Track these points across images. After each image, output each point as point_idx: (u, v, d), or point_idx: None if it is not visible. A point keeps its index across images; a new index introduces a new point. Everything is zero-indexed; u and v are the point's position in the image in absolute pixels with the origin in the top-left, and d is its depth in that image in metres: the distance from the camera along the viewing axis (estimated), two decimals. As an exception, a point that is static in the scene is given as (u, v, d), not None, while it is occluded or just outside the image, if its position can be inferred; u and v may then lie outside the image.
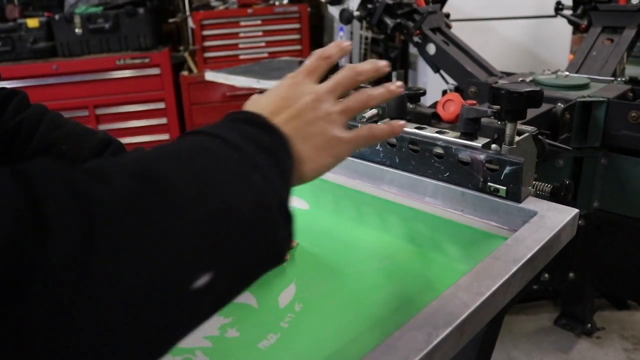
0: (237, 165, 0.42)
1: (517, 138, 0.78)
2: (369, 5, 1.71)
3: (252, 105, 0.53)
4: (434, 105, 0.95)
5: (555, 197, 0.81)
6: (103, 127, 3.14)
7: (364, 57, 3.51)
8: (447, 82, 1.68)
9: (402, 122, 0.58)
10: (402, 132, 0.85)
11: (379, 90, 0.56)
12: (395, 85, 0.57)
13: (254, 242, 0.41)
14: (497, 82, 0.77)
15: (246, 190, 0.41)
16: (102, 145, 0.69)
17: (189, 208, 0.37)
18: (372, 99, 0.56)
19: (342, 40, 0.57)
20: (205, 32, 3.37)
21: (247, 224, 0.40)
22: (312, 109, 0.52)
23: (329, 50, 0.57)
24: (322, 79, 0.57)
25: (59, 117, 0.72)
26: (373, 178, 0.91)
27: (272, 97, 0.53)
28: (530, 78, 1.40)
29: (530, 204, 0.75)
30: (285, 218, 0.44)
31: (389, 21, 1.67)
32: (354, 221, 0.82)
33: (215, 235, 0.38)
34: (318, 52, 0.57)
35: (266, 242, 0.42)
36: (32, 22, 3.14)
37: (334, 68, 0.64)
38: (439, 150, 0.81)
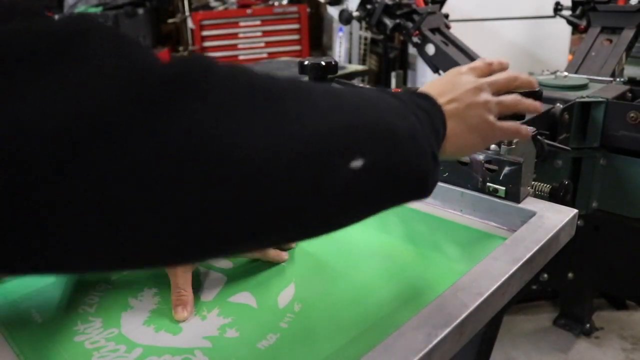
0: (399, 107, 0.47)
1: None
2: (368, 6, 1.71)
3: (424, 87, 0.60)
4: (433, 105, 0.95)
5: (554, 197, 0.81)
6: (102, 127, 3.13)
7: (363, 58, 3.51)
8: (446, 83, 1.68)
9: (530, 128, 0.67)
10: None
11: (529, 101, 0.64)
12: (538, 106, 0.66)
13: (404, 154, 0.44)
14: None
15: (403, 122, 0.45)
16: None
17: (351, 102, 0.42)
18: (521, 103, 0.63)
19: (502, 60, 0.68)
20: (205, 33, 3.37)
21: (399, 138, 0.44)
22: (472, 95, 0.59)
23: (493, 60, 0.66)
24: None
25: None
26: (372, 178, 0.91)
27: (439, 82, 0.61)
28: (529, 78, 1.40)
29: (529, 204, 0.75)
30: (434, 162, 0.48)
31: (388, 22, 1.67)
32: (353, 221, 0.82)
33: (371, 129, 0.42)
34: (483, 59, 0.66)
35: (414, 164, 0.46)
36: (32, 23, 3.14)
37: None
38: (438, 151, 0.81)
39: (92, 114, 0.28)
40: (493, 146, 0.81)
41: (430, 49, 1.64)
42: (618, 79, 1.43)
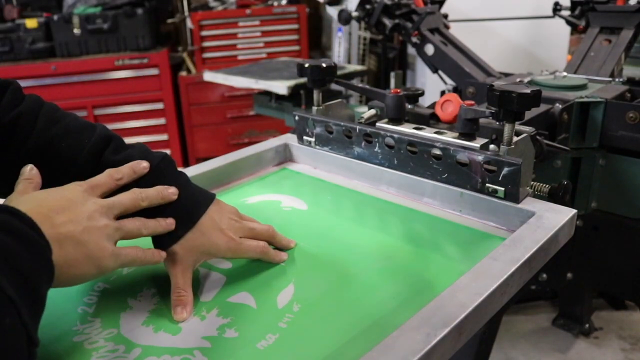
0: None
1: (515, 139, 0.78)
2: (367, 6, 1.71)
3: (33, 199, 0.55)
4: (433, 105, 0.95)
5: (553, 197, 0.81)
6: (101, 127, 3.13)
7: (362, 58, 3.51)
8: (445, 83, 1.68)
9: (162, 253, 0.63)
10: (401, 134, 0.86)
11: (152, 223, 0.62)
12: (167, 224, 0.63)
13: None
14: (495, 83, 0.77)
15: None
16: (103, 143, 0.68)
17: None
18: (146, 228, 0.61)
19: (139, 162, 0.65)
20: (204, 33, 3.37)
21: None
22: (91, 219, 0.55)
23: (122, 171, 0.63)
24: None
25: (56, 111, 0.70)
26: (372, 178, 0.91)
27: (56, 196, 0.56)
28: (529, 78, 1.40)
29: (529, 204, 0.75)
30: (30, 356, 0.44)
31: (388, 22, 1.67)
32: (353, 221, 0.82)
33: None
34: (110, 172, 0.63)
35: None
36: (31, 23, 3.14)
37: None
38: (438, 152, 0.81)
39: None
40: (492, 146, 0.81)
41: (430, 49, 1.64)
42: (617, 79, 1.43)
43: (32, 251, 0.47)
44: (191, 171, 0.89)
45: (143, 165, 0.65)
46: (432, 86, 2.33)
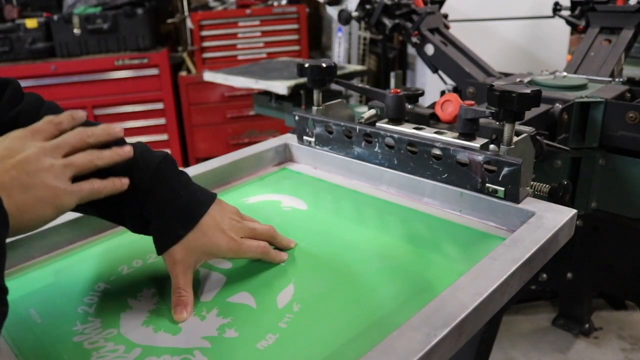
0: None
1: (515, 139, 0.78)
2: (367, 6, 1.71)
3: None
4: (432, 105, 0.95)
5: (553, 197, 0.81)
6: (101, 127, 3.13)
7: (362, 58, 3.51)
8: (445, 83, 1.68)
9: (124, 180, 0.61)
10: (401, 134, 0.86)
11: (107, 153, 0.61)
12: (124, 151, 0.62)
13: None
14: (495, 83, 0.77)
15: None
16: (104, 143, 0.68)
17: None
18: (99, 158, 0.60)
19: (76, 112, 0.64)
20: (204, 33, 3.37)
21: None
22: (34, 161, 0.54)
23: (60, 118, 0.61)
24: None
25: (56, 109, 0.70)
26: (372, 178, 0.91)
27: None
28: (529, 79, 1.40)
29: (529, 204, 0.75)
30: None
31: (388, 22, 1.67)
32: (353, 221, 0.82)
33: None
34: (49, 118, 0.61)
35: None
36: (31, 23, 3.14)
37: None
38: (438, 152, 0.81)
39: None
40: (492, 146, 0.81)
41: (430, 49, 1.64)
42: (617, 79, 1.43)
43: None
44: (191, 171, 0.89)
45: (80, 114, 0.64)
46: (432, 86, 2.33)
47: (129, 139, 0.72)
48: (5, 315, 0.45)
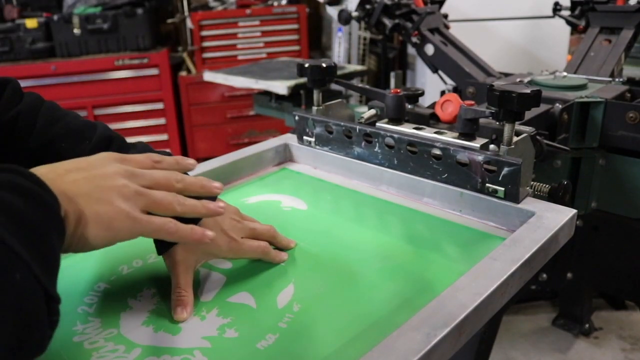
0: None
1: (515, 139, 0.78)
2: (367, 6, 1.71)
3: (55, 163, 0.52)
4: (432, 105, 0.95)
5: (553, 197, 0.81)
6: (101, 127, 3.14)
7: (362, 58, 3.51)
8: (445, 83, 1.68)
9: (209, 233, 0.56)
10: (401, 134, 0.86)
11: (192, 202, 0.55)
12: (214, 208, 0.57)
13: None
14: (495, 83, 0.77)
15: (6, 296, 0.38)
16: (104, 143, 0.68)
17: None
18: (180, 204, 0.54)
19: (184, 158, 0.61)
20: (204, 33, 3.37)
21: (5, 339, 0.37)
22: (108, 178, 0.51)
23: (162, 157, 0.58)
24: None
25: (56, 109, 0.70)
26: (372, 178, 0.91)
27: (79, 160, 0.53)
28: (529, 78, 1.40)
29: (528, 204, 0.75)
30: (51, 312, 0.42)
31: (388, 22, 1.67)
32: (353, 221, 0.82)
33: None
34: (150, 154, 0.58)
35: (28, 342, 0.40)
36: (31, 23, 3.14)
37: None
38: (438, 152, 0.81)
39: None
40: (492, 146, 0.81)
41: (430, 49, 1.64)
42: (617, 79, 1.43)
43: (37, 205, 0.43)
44: (191, 171, 0.89)
45: (189, 161, 0.60)
46: (432, 86, 2.34)
47: (129, 139, 0.72)
48: (56, 324, 0.43)
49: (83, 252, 0.50)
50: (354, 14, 1.72)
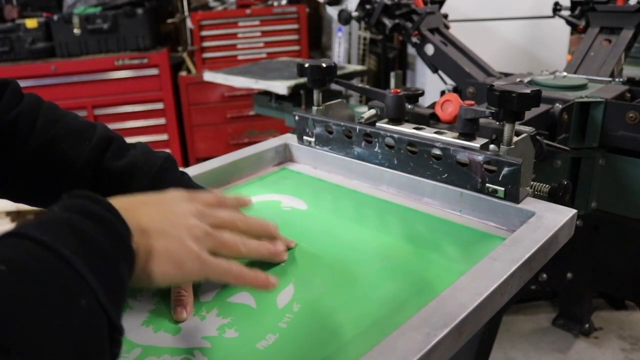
0: (60, 287, 0.37)
1: (515, 139, 0.78)
2: (367, 6, 1.71)
3: (128, 196, 0.51)
4: (432, 105, 0.95)
5: (553, 197, 0.81)
6: (101, 127, 3.14)
7: (362, 58, 3.51)
8: (445, 83, 1.68)
9: (273, 282, 0.57)
10: (401, 134, 0.86)
11: (255, 244, 0.58)
12: (274, 249, 0.61)
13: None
14: (495, 83, 0.77)
15: (69, 322, 0.36)
16: (104, 144, 0.68)
17: None
18: (245, 245, 0.56)
19: (244, 198, 0.64)
20: (204, 33, 3.37)
21: None
22: (180, 215, 0.52)
23: (226, 196, 0.60)
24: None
25: (55, 110, 0.70)
26: (372, 178, 0.91)
27: (151, 195, 0.54)
28: (529, 78, 1.40)
29: (529, 204, 0.75)
30: (113, 344, 0.41)
31: (387, 22, 1.67)
32: (353, 221, 0.82)
33: None
34: (215, 192, 0.59)
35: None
36: (31, 23, 3.14)
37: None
38: (438, 152, 0.81)
39: None
40: (492, 146, 0.81)
41: (430, 49, 1.64)
42: (617, 79, 1.43)
43: (109, 233, 0.43)
44: (191, 171, 0.89)
45: (247, 200, 0.64)
46: (432, 86, 2.33)
47: (129, 139, 0.72)
48: (117, 357, 0.42)
49: (147, 287, 0.50)
50: (354, 14, 1.72)
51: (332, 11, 1.85)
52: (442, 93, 1.62)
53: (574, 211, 0.74)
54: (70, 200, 0.45)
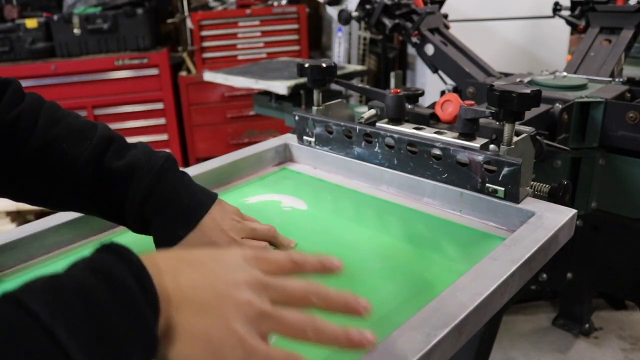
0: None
1: (515, 139, 0.78)
2: (367, 6, 1.71)
3: (177, 250, 0.43)
4: (433, 105, 0.95)
5: (553, 197, 0.81)
6: (101, 127, 3.14)
7: (362, 58, 3.51)
8: (445, 83, 1.68)
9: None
10: (401, 134, 0.86)
11: (331, 331, 0.43)
12: (362, 338, 0.42)
13: None
14: (495, 83, 0.77)
15: None
16: (105, 143, 0.68)
17: None
18: (314, 332, 0.43)
19: (331, 260, 0.47)
20: (204, 33, 3.37)
21: None
22: (232, 286, 0.40)
23: (306, 259, 0.46)
24: None
25: (56, 110, 0.70)
26: (372, 178, 0.91)
27: (205, 251, 0.44)
28: (529, 78, 1.40)
29: (528, 204, 0.75)
30: None
31: (388, 22, 1.67)
32: (353, 221, 0.82)
33: None
34: (292, 253, 0.47)
35: None
36: (31, 23, 3.14)
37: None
38: (438, 152, 0.81)
39: None
40: (492, 146, 0.81)
41: (430, 49, 1.64)
42: (617, 79, 1.43)
43: (128, 310, 0.35)
44: (191, 171, 0.89)
45: (336, 263, 0.48)
46: (432, 86, 2.33)
47: (129, 139, 0.72)
48: None
49: None
50: (354, 14, 1.72)
51: (332, 11, 1.84)
52: (442, 93, 1.62)
53: (574, 211, 0.74)
54: (98, 255, 0.38)
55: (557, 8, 1.91)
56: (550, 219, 0.71)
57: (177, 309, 0.38)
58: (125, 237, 0.78)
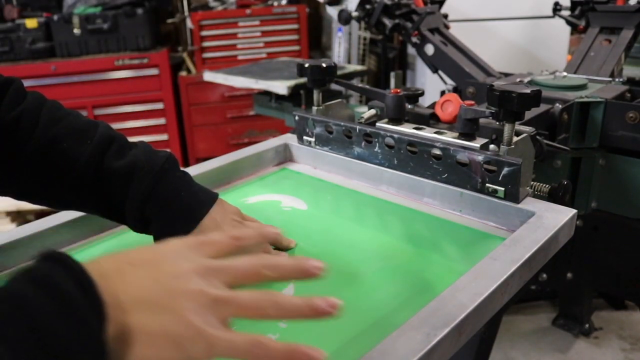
0: None
1: (515, 139, 0.78)
2: (367, 6, 1.71)
3: (121, 252, 0.42)
4: (432, 105, 0.95)
5: (553, 197, 0.81)
6: (101, 127, 3.14)
7: (362, 58, 3.51)
8: (445, 83, 1.68)
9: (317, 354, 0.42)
10: (401, 134, 0.86)
11: (292, 304, 0.41)
12: (327, 304, 0.42)
13: None
14: (495, 83, 0.77)
15: None
16: (105, 143, 0.68)
17: None
18: (275, 307, 0.41)
19: (268, 228, 0.48)
20: (204, 33, 3.37)
21: None
22: (182, 278, 0.39)
23: (244, 232, 0.46)
24: None
25: (58, 109, 0.70)
26: (372, 178, 0.91)
27: (148, 248, 0.42)
28: (529, 78, 1.40)
29: (529, 204, 0.75)
30: None
31: (387, 22, 1.67)
32: (353, 221, 0.82)
33: None
34: (231, 232, 0.46)
35: None
36: (31, 23, 3.14)
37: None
38: (438, 152, 0.81)
39: None
40: (492, 146, 0.81)
41: (429, 49, 1.64)
42: (617, 79, 1.43)
43: (73, 319, 0.34)
44: (191, 171, 0.89)
45: (274, 231, 0.50)
46: (432, 86, 2.33)
47: (129, 139, 0.72)
48: None
49: None
50: (354, 14, 1.72)
51: (332, 11, 1.84)
52: (442, 93, 1.62)
53: (574, 211, 0.74)
54: (36, 264, 0.36)
55: (557, 8, 1.91)
56: (550, 219, 0.71)
57: (130, 312, 0.37)
58: (126, 237, 0.78)
